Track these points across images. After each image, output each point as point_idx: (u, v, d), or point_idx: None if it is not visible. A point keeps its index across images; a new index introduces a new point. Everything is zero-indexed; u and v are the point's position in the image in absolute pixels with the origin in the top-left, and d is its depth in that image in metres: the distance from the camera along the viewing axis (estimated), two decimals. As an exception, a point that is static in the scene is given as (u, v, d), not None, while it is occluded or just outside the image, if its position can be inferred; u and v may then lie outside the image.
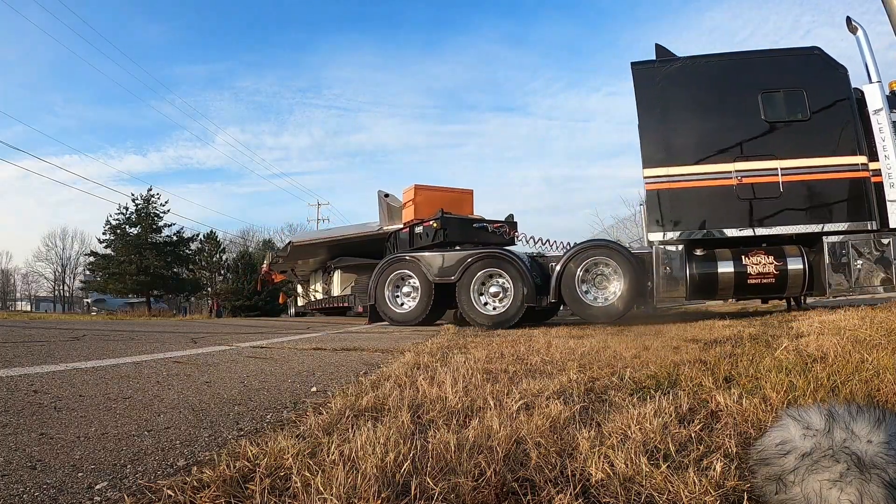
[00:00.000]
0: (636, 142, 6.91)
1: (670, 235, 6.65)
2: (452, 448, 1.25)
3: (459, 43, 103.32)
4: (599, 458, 1.17)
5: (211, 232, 42.68)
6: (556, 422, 1.51)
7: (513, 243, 8.68)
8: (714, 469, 1.10)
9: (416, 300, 7.58)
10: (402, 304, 7.72)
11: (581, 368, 2.50)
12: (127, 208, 31.61)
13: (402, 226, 9.76)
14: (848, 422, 0.90)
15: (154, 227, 32.18)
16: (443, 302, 7.72)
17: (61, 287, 59.63)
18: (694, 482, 1.04)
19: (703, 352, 2.95)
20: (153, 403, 1.96)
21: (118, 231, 31.44)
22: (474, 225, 8.72)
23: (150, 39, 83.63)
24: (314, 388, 2.38)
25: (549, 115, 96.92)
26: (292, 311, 23.64)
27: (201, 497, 1.05)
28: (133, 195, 32.03)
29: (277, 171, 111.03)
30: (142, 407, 1.90)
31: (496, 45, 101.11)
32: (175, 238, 33.33)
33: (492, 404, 1.72)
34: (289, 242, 13.42)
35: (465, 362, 2.78)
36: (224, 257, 43.68)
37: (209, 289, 40.70)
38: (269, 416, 1.83)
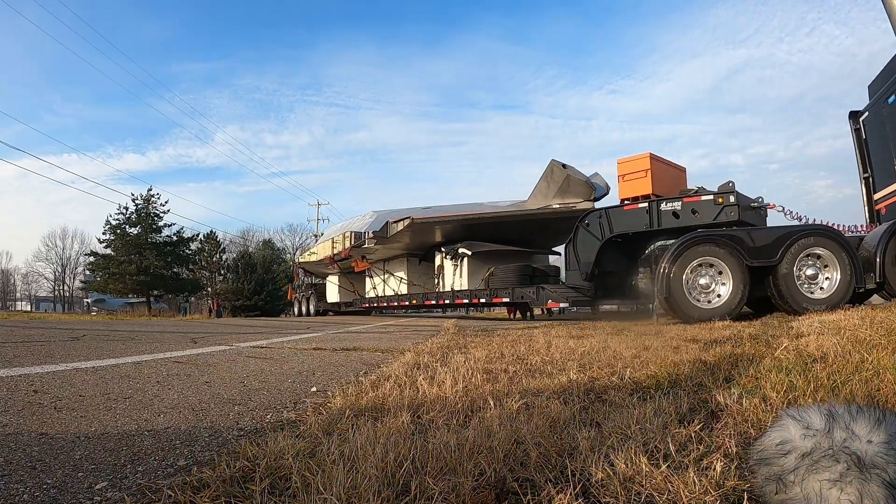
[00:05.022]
0: (638, 140, 6.84)
1: None
2: (452, 448, 1.25)
3: (461, 40, 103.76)
4: (599, 458, 1.17)
5: (211, 232, 42.83)
6: (556, 422, 1.51)
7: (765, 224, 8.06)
8: (714, 469, 1.10)
9: (728, 289, 6.37)
10: (690, 294, 6.51)
11: (581, 368, 2.50)
12: (127, 208, 31.67)
13: (619, 202, 8.39)
14: (848, 422, 0.90)
15: (154, 227, 32.21)
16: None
17: (61, 287, 59.68)
18: (694, 482, 1.04)
19: (703, 352, 2.95)
20: (153, 403, 1.96)
21: (118, 231, 31.46)
22: (752, 204, 7.60)
23: (149, 37, 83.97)
24: (314, 388, 2.38)
25: (550, 113, 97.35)
26: (307, 308, 19.85)
27: (201, 497, 1.05)
28: (133, 195, 32.12)
29: (277, 170, 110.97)
30: (142, 407, 1.90)
31: (498, 43, 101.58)
32: (175, 238, 33.35)
33: (492, 404, 1.72)
34: (405, 218, 11.39)
35: (465, 362, 2.78)
36: (224, 257, 43.73)
37: (209, 289, 40.72)
38: (269, 416, 1.83)
